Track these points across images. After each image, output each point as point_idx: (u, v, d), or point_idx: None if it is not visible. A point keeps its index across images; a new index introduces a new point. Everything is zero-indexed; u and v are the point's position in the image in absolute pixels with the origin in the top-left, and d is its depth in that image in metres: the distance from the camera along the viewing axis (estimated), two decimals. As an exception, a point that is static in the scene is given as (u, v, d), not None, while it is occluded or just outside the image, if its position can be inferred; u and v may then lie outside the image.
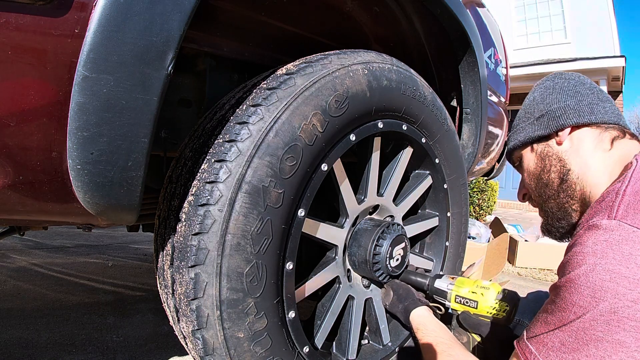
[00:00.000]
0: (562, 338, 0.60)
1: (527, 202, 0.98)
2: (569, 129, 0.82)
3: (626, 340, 0.54)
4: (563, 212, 0.85)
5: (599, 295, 0.56)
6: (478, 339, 1.08)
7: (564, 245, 0.77)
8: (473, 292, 1.03)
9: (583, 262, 0.60)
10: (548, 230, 0.91)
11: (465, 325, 1.09)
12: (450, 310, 1.10)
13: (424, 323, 0.96)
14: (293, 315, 0.82)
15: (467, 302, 1.03)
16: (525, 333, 0.68)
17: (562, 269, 0.65)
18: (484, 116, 1.48)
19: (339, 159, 0.89)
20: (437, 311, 1.05)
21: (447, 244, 1.33)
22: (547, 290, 1.63)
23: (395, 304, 1.07)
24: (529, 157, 0.90)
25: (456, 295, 1.05)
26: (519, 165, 0.96)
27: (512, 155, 0.97)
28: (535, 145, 0.89)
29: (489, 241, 3.03)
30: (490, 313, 1.00)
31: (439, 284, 1.09)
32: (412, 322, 0.99)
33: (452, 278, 1.09)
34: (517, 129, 0.93)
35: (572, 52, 8.57)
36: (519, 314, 1.46)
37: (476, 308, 1.01)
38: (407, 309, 1.02)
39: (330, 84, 0.82)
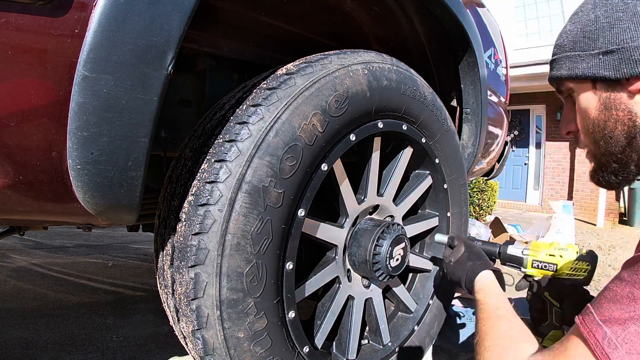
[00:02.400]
0: None
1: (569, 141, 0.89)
2: None
3: None
4: (623, 168, 0.74)
5: None
6: (557, 304, 1.01)
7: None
8: (551, 255, 0.98)
9: None
10: (598, 181, 0.80)
11: (552, 292, 1.01)
12: (525, 277, 1.05)
13: (489, 286, 0.90)
14: (293, 315, 0.82)
15: (545, 266, 0.98)
16: (594, 311, 0.59)
17: None
18: (484, 116, 1.48)
19: (339, 159, 0.89)
20: (505, 282, 1.01)
21: (447, 244, 1.33)
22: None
23: (463, 261, 1.01)
24: (589, 98, 0.75)
25: (533, 260, 1.00)
26: (567, 96, 0.81)
27: (559, 83, 0.80)
28: (599, 86, 0.73)
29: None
30: (571, 275, 0.96)
31: (513, 250, 1.03)
32: (476, 283, 0.93)
33: (526, 243, 1.04)
34: (571, 54, 0.76)
35: (572, 52, 8.55)
36: (520, 312, 1.47)
37: (555, 271, 0.97)
38: (475, 269, 0.96)
39: (330, 84, 0.82)
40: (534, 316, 1.04)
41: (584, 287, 0.98)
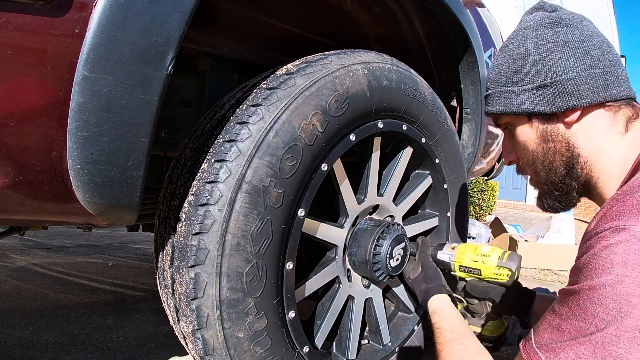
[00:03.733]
0: (577, 351, 0.54)
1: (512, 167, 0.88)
2: (579, 111, 0.69)
3: None
4: (565, 196, 0.76)
5: (625, 309, 0.51)
6: (490, 303, 1.08)
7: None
8: (474, 261, 1.03)
9: (610, 270, 0.53)
10: (543, 207, 0.82)
11: (473, 293, 1.08)
12: (457, 279, 1.11)
13: (442, 308, 0.92)
14: (293, 315, 0.82)
15: (470, 271, 1.03)
16: (533, 336, 0.62)
17: (581, 272, 0.57)
18: (484, 116, 1.48)
19: (339, 158, 0.89)
20: (458, 302, 1.04)
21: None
22: (546, 288, 1.62)
23: (419, 281, 1.04)
24: (526, 131, 0.76)
25: (459, 266, 1.05)
26: (505, 128, 0.82)
27: (496, 117, 0.82)
28: (535, 120, 0.74)
29: (489, 241, 3.04)
30: (494, 279, 1.01)
31: (441, 255, 1.08)
32: (429, 305, 0.95)
33: (453, 248, 1.08)
34: (504, 89, 0.75)
35: (572, 52, 8.54)
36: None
37: (480, 275, 1.02)
38: (429, 291, 0.99)
39: (330, 84, 0.82)
40: (470, 310, 1.11)
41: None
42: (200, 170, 0.73)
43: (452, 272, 1.08)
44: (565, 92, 0.68)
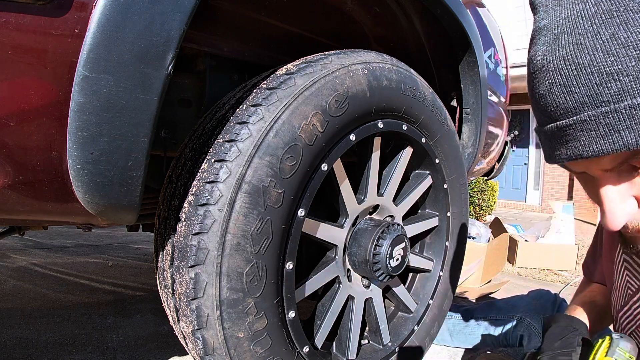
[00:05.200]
0: None
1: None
2: None
3: None
4: None
5: None
6: None
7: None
8: None
9: None
10: None
11: None
12: None
13: None
14: (293, 315, 0.82)
15: None
16: None
17: None
18: (484, 116, 1.48)
19: (339, 158, 0.89)
20: None
21: (447, 244, 1.33)
22: (548, 289, 1.62)
23: None
24: (624, 177, 0.48)
25: None
26: (586, 176, 0.53)
27: (574, 164, 0.52)
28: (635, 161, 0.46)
29: (489, 241, 3.04)
30: None
31: None
32: None
33: None
34: (608, 111, 0.43)
35: (572, 52, 8.54)
36: (520, 312, 1.47)
37: None
38: None
39: (330, 84, 0.82)
40: None
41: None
42: (200, 170, 0.73)
43: None
44: None
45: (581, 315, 0.90)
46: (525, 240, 3.42)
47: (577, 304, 0.95)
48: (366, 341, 1.17)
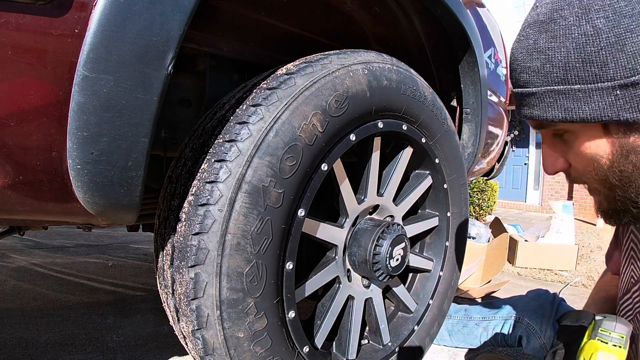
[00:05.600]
0: None
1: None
2: None
3: None
4: (636, 216, 0.62)
5: None
6: None
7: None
8: None
9: None
10: (613, 222, 0.68)
11: None
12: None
13: None
14: (293, 315, 0.82)
15: None
16: None
17: None
18: (484, 116, 1.48)
19: (339, 158, 0.89)
20: None
21: (447, 244, 1.33)
22: (546, 289, 1.62)
23: None
24: (599, 144, 0.58)
25: None
26: (555, 136, 0.64)
27: (542, 124, 0.63)
28: (614, 131, 0.56)
29: (489, 241, 3.04)
30: None
31: None
32: None
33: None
34: (564, 89, 0.55)
35: (572, 52, 8.54)
36: (519, 312, 1.47)
37: None
38: None
39: (330, 84, 0.82)
40: None
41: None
42: (200, 170, 0.73)
43: None
44: None
45: (592, 308, 0.92)
46: (525, 240, 3.42)
47: (591, 296, 0.96)
48: (366, 341, 1.17)
